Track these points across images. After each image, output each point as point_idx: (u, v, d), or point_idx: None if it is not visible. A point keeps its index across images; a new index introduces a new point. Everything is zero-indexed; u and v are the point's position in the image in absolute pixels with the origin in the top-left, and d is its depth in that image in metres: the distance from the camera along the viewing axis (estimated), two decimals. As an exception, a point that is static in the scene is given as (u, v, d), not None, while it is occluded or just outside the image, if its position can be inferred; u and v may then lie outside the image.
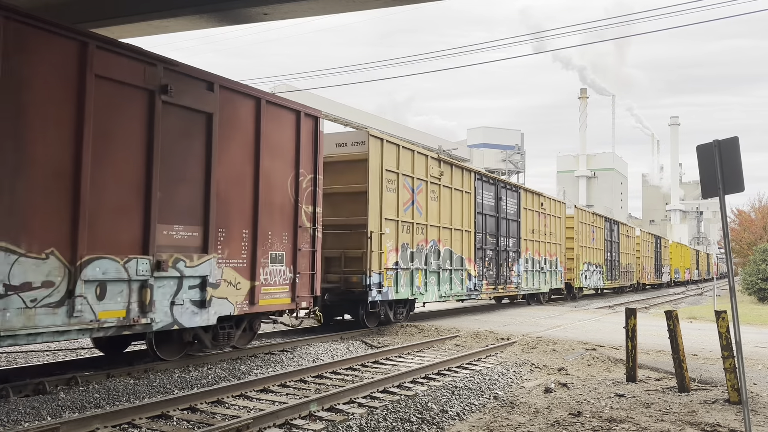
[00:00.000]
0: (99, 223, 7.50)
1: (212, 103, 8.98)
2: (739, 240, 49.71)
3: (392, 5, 11.63)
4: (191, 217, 8.68)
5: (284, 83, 34.37)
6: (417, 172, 14.61)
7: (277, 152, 10.20)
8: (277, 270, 10.16)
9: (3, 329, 6.47)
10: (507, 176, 69.01)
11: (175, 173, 8.47)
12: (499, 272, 18.82)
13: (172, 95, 8.35)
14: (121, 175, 7.80)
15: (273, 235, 10.10)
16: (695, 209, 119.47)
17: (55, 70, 7.15)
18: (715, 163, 6.25)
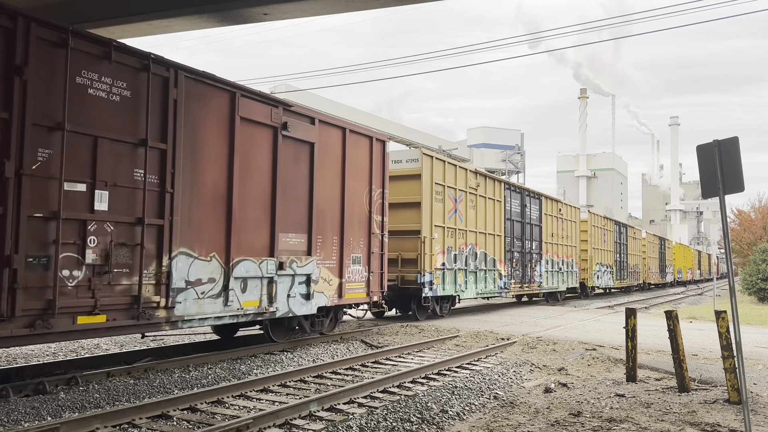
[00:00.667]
0: (242, 233, 9.62)
1: (314, 134, 11.11)
2: (739, 240, 49.72)
3: (392, 5, 11.65)
4: (299, 227, 10.86)
5: (284, 83, 34.38)
6: (458, 184, 16.72)
7: (356, 172, 12.32)
8: (356, 269, 12.33)
9: (185, 314, 8.69)
10: (507, 176, 69.01)
11: (289, 192, 10.59)
12: (524, 272, 20.81)
13: (289, 130, 10.49)
14: (256, 196, 9.91)
15: (353, 240, 12.23)
16: (695, 209, 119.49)
17: (215, 114, 9.20)
18: (715, 163, 6.26)
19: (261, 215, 10.02)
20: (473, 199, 17.49)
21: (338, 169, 11.82)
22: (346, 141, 11.94)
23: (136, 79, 8.11)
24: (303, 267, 10.87)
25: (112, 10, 11.58)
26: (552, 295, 24.66)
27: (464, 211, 16.97)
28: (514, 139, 75.84)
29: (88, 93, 7.57)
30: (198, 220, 8.91)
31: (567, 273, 24.95)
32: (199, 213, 8.92)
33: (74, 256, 7.36)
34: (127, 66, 7.98)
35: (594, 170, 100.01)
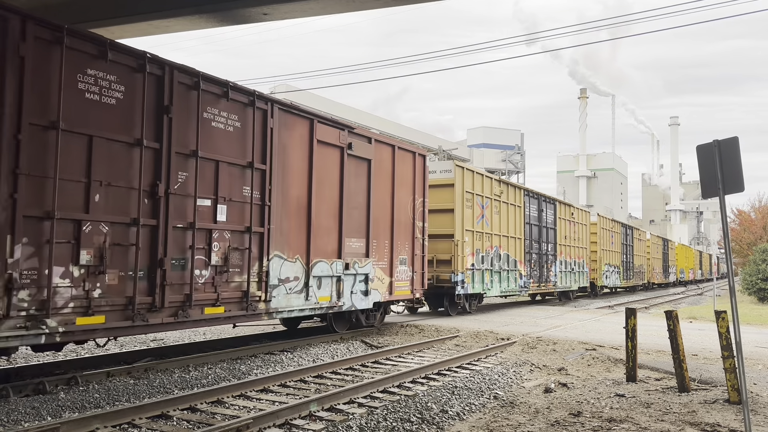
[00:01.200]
0: (318, 238, 11.32)
1: (371, 152, 12.81)
2: (739, 240, 49.71)
3: (392, 5, 11.65)
4: (359, 232, 12.53)
5: (284, 83, 34.39)
6: (485, 191, 18.32)
7: (403, 183, 13.95)
8: (402, 269, 14.00)
9: (278, 307, 10.51)
10: (507, 176, 69.03)
11: (351, 203, 12.23)
12: (541, 273, 22.40)
13: (352, 149, 12.25)
14: (328, 206, 11.63)
15: (400, 244, 13.86)
16: (695, 209, 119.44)
17: (298, 139, 10.98)
18: (715, 163, 6.26)
19: (331, 223, 11.78)
20: (497, 205, 19.14)
21: (389, 182, 13.52)
22: (395, 157, 13.68)
23: (244, 113, 9.85)
24: (362, 267, 12.61)
25: (113, 9, 11.57)
26: (565, 293, 25.97)
27: (490, 216, 18.63)
28: (514, 139, 75.84)
29: (212, 125, 9.32)
30: (286, 227, 10.70)
31: (579, 273, 26.50)
32: (287, 222, 10.71)
33: (203, 259, 9.07)
34: (238, 102, 9.72)
35: (594, 170, 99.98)
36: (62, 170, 7.25)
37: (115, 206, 7.92)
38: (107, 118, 7.83)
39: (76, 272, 7.47)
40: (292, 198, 10.78)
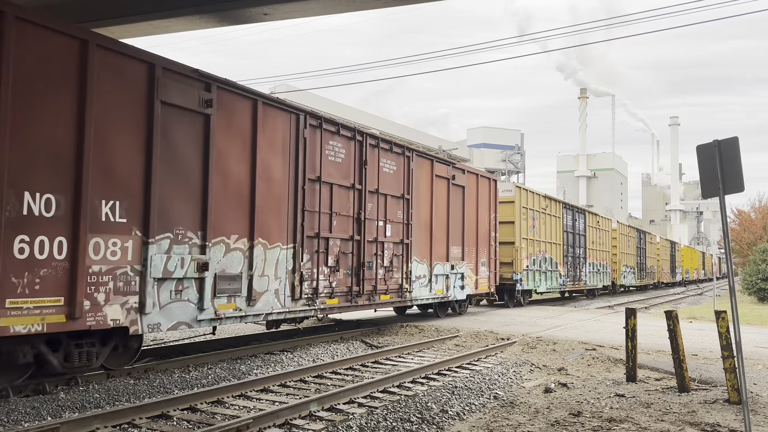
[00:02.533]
0: (436, 246, 15.31)
1: (464, 180, 16.80)
2: (739, 240, 49.71)
3: (392, 5, 11.65)
4: (458, 241, 16.42)
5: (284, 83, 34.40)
6: (535, 206, 22.06)
7: (483, 202, 17.88)
8: (483, 270, 17.93)
9: (415, 297, 14.43)
10: (507, 176, 68.98)
11: (453, 219, 16.13)
12: (575, 273, 26.32)
13: (455, 180, 16.16)
14: (440, 223, 15.56)
15: (482, 250, 17.80)
16: (695, 209, 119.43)
17: (425, 174, 15.02)
18: (715, 163, 6.26)
19: (442, 235, 15.66)
20: (543, 217, 22.78)
21: (474, 202, 17.35)
22: (479, 182, 17.69)
23: (399, 159, 13.91)
24: (460, 268, 16.51)
25: (113, 10, 11.58)
26: (591, 291, 29.78)
27: (539, 226, 22.33)
28: (514, 139, 75.85)
29: (383, 170, 13.33)
30: (419, 239, 14.61)
31: (603, 273, 30.56)
32: (419, 235, 14.65)
33: (380, 262, 13.10)
34: (396, 153, 13.80)
35: (594, 170, 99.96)
36: (321, 207, 11.35)
37: (341, 228, 11.94)
38: (337, 171, 11.85)
39: (326, 271, 11.47)
40: (421, 218, 14.75)
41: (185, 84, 8.58)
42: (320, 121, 11.35)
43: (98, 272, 7.43)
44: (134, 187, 7.86)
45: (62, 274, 7.03)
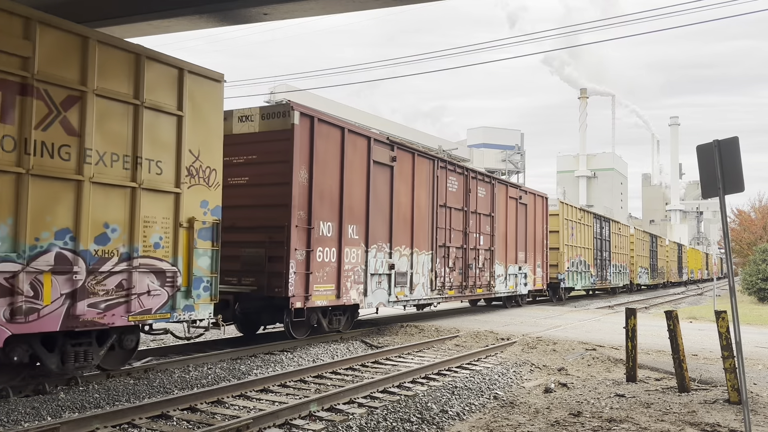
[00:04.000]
0: (509, 252, 19.77)
1: (527, 200, 21.30)
2: (739, 240, 49.70)
3: (393, 5, 11.63)
4: (522, 247, 20.83)
5: (284, 83, 34.38)
6: (573, 217, 26.70)
7: (539, 217, 22.51)
8: (539, 271, 22.48)
9: (497, 291, 19.09)
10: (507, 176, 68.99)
11: (520, 231, 20.66)
12: (602, 273, 30.66)
13: (521, 200, 20.70)
14: (512, 234, 20.01)
15: (537, 254, 22.28)
16: (695, 209, 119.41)
17: (503, 197, 19.58)
18: (715, 163, 6.26)
19: (513, 243, 20.20)
20: (579, 226, 27.22)
21: (533, 216, 21.88)
22: (535, 200, 22.22)
23: (487, 187, 18.41)
24: (524, 269, 21.07)
25: (113, 10, 11.57)
26: (613, 289, 33.88)
27: (576, 234, 26.79)
28: (514, 139, 75.84)
29: (478, 195, 17.75)
30: (499, 246, 19.08)
31: (623, 274, 34.62)
32: (499, 243, 19.10)
33: (477, 264, 17.58)
34: (486, 182, 18.33)
35: (594, 170, 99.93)
36: (445, 224, 15.98)
37: (456, 239, 16.51)
38: (453, 198, 16.45)
39: (447, 271, 16.06)
40: (500, 230, 19.18)
41: (382, 147, 13.56)
42: (446, 164, 16.22)
43: (347, 270, 12.32)
44: (361, 217, 12.79)
45: (334, 271, 12.00)
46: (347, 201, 12.25)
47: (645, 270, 39.61)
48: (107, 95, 7.74)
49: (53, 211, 7.13)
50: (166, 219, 8.39)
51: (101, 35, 7.77)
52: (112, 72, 7.87)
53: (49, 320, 7.00)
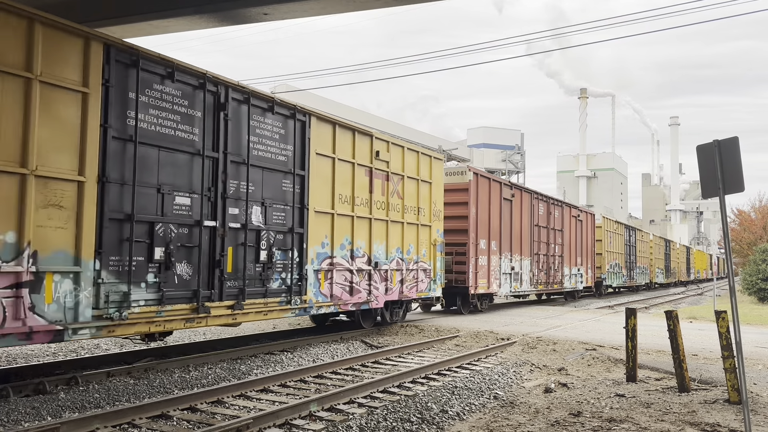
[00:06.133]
0: (572, 257, 25.93)
1: (583, 217, 27.20)
2: (739, 240, 49.71)
3: (393, 5, 11.63)
4: (579, 253, 26.69)
5: (284, 83, 34.37)
6: (611, 228, 32.43)
7: (588, 231, 27.84)
8: (589, 272, 28.06)
9: (566, 287, 25.64)
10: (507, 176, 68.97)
11: (576, 241, 26.38)
12: (630, 274, 36.31)
13: (579, 217, 26.59)
14: (570, 244, 25.65)
15: (588, 259, 27.81)
16: (695, 209, 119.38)
17: (569, 217, 25.88)
18: (715, 163, 6.25)
19: (574, 250, 25.70)
20: (614, 235, 32.93)
21: (585, 230, 27.54)
22: (587, 217, 27.98)
23: (559, 209, 24.24)
24: (580, 270, 26.68)
25: (113, 10, 11.57)
26: (637, 287, 39.26)
27: (612, 242, 32.48)
28: (514, 139, 75.78)
29: (554, 216, 23.86)
30: (566, 253, 24.91)
31: (645, 273, 40.43)
32: (566, 251, 24.86)
33: (555, 266, 23.90)
34: (557, 205, 24.07)
35: (594, 170, 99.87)
36: (538, 238, 22.31)
37: (543, 249, 22.53)
38: (541, 219, 22.78)
39: (538, 271, 22.17)
40: (567, 241, 25.03)
41: (507, 188, 19.78)
42: (538, 195, 22.64)
43: (492, 270, 18.62)
44: (496, 235, 18.90)
45: (486, 271, 18.17)
46: (492, 225, 18.60)
47: (661, 270, 45.96)
48: (412, 176, 14.20)
49: (406, 239, 13.92)
50: (426, 240, 14.75)
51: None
52: (417, 165, 14.52)
53: (395, 294, 13.62)
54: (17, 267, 6.66)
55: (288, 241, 10.47)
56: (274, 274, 10.18)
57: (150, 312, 8.08)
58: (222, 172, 9.18)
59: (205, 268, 8.93)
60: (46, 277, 6.93)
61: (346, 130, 12.05)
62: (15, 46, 6.80)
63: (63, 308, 7.09)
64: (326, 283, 11.42)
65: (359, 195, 12.30)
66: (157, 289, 8.20)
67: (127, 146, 7.89)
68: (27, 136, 6.82)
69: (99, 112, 7.55)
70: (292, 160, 10.61)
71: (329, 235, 11.50)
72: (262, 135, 10.03)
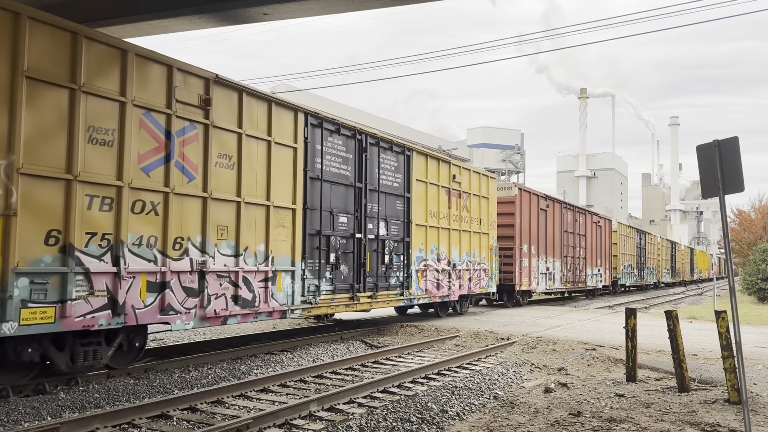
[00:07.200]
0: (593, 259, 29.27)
1: (602, 223, 30.56)
2: (739, 240, 49.72)
3: (392, 5, 11.63)
4: (599, 255, 30.26)
5: (284, 83, 34.36)
6: (625, 233, 35.59)
7: (606, 235, 31.02)
8: (607, 272, 31.23)
9: (589, 285, 29.25)
10: (507, 176, 68.93)
11: (596, 244, 29.60)
12: (641, 274, 39.29)
13: (599, 224, 30.13)
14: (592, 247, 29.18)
15: (606, 260, 30.92)
16: (695, 209, 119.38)
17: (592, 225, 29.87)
18: (715, 163, 6.25)
19: (595, 253, 29.27)
20: (627, 239, 35.74)
21: (604, 234, 30.31)
22: (605, 223, 30.77)
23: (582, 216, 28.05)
24: (600, 270, 29.75)
25: (113, 10, 11.57)
26: (647, 286, 42.38)
27: (626, 245, 35.45)
28: (514, 139, 75.77)
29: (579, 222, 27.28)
30: (588, 256, 28.34)
31: (653, 273, 43.81)
32: (588, 253, 28.40)
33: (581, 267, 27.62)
34: (581, 213, 27.82)
35: (594, 170, 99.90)
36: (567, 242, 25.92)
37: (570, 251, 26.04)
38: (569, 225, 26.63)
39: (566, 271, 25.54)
40: (588, 245, 28.25)
41: (542, 199, 22.73)
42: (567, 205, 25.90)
43: (532, 270, 21.76)
44: (535, 240, 21.97)
45: (527, 271, 21.25)
46: (531, 232, 21.65)
47: (668, 270, 49.11)
48: (476, 193, 17.49)
49: (472, 245, 17.09)
50: (485, 245, 17.97)
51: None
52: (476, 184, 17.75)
53: (465, 289, 16.91)
54: (266, 267, 9.95)
55: (400, 247, 13.81)
56: (392, 273, 13.54)
57: (328, 299, 11.47)
58: (363, 197, 12.55)
59: (356, 268, 12.24)
60: (278, 275, 10.21)
61: (433, 159, 15.44)
62: (262, 121, 10.11)
63: (286, 295, 10.39)
64: (423, 280, 14.69)
65: (442, 210, 15.56)
66: (332, 283, 11.57)
67: (315, 183, 11.22)
68: (269, 181, 10.11)
69: (303, 160, 10.90)
70: (402, 186, 14.01)
71: (424, 243, 14.71)
72: (385, 168, 13.39)
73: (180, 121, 8.50)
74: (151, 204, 8.08)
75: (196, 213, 8.76)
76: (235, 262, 9.33)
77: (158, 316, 8.15)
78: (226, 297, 9.16)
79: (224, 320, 9.19)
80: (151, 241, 8.07)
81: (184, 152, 8.55)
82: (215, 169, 9.04)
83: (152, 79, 8.20)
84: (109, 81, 7.70)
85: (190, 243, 8.61)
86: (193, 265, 8.66)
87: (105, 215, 7.50)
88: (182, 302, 8.47)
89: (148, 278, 8.01)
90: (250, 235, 9.64)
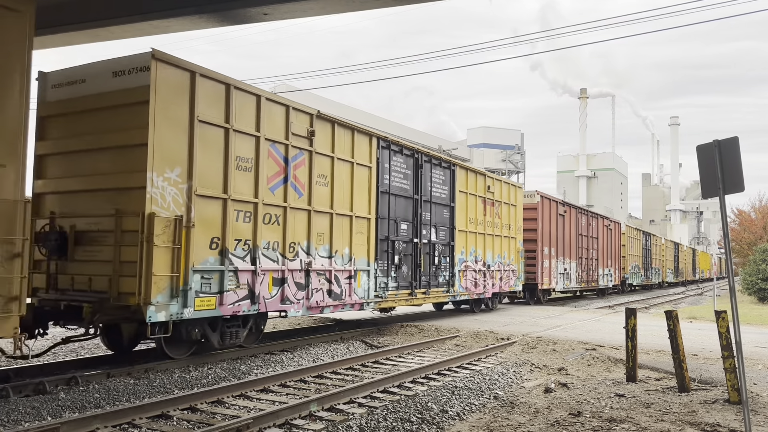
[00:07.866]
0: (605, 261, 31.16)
1: (612, 226, 32.23)
2: (739, 240, 49.72)
3: (392, 5, 11.61)
4: (609, 257, 31.75)
5: (284, 83, 34.37)
6: (632, 234, 37.30)
7: (616, 237, 32.82)
8: (616, 272, 33.00)
9: (600, 285, 30.89)
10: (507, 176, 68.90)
11: (608, 249, 31.53)
12: (647, 274, 40.77)
13: (610, 227, 32.14)
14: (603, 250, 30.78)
15: (615, 261, 32.66)
16: (695, 209, 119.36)
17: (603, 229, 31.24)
18: (715, 163, 6.25)
19: (607, 255, 31.10)
20: (634, 241, 37.42)
21: (614, 236, 32.04)
22: (615, 226, 32.56)
23: (595, 220, 29.52)
24: (610, 270, 31.61)
25: (113, 10, 11.56)
26: (651, 285, 43.95)
27: (633, 247, 37.01)
28: (514, 139, 75.75)
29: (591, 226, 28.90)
30: (600, 257, 30.01)
31: (658, 274, 45.68)
32: (600, 255, 29.93)
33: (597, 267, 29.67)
34: (593, 217, 29.29)
35: (594, 170, 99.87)
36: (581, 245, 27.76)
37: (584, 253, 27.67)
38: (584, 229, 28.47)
39: (581, 271, 26.99)
40: (600, 246, 29.82)
41: (560, 205, 24.70)
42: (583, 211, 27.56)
43: (552, 270, 23.72)
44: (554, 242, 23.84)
45: (548, 271, 23.08)
46: (551, 235, 23.42)
47: (671, 271, 51.13)
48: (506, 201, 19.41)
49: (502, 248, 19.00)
50: (513, 248, 19.75)
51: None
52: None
53: (497, 288, 18.81)
54: (350, 267, 12.00)
55: (446, 251, 15.78)
56: (440, 272, 15.49)
57: (393, 294, 13.48)
58: (419, 207, 14.51)
59: (413, 268, 14.26)
60: (358, 273, 12.23)
61: (472, 172, 17.51)
62: (347, 146, 12.20)
63: (363, 290, 12.41)
64: (463, 279, 16.70)
65: (478, 217, 17.54)
66: (395, 281, 13.56)
67: (384, 196, 13.19)
68: (352, 195, 12.17)
69: (375, 177, 12.91)
70: (448, 196, 15.95)
71: (464, 246, 16.71)
72: (435, 181, 15.32)
73: (293, 149, 10.64)
74: (275, 216, 10.20)
75: (304, 223, 10.89)
76: (329, 263, 11.42)
77: (279, 305, 10.26)
78: (323, 291, 11.29)
79: (322, 310, 11.36)
80: (274, 245, 10.14)
81: (296, 174, 10.68)
82: (316, 187, 11.13)
83: (275, 117, 10.30)
84: (248, 121, 9.75)
85: (299, 247, 10.74)
86: (302, 264, 10.75)
87: (246, 225, 9.57)
88: (294, 294, 10.61)
89: (273, 275, 10.13)
90: (339, 240, 11.70)
